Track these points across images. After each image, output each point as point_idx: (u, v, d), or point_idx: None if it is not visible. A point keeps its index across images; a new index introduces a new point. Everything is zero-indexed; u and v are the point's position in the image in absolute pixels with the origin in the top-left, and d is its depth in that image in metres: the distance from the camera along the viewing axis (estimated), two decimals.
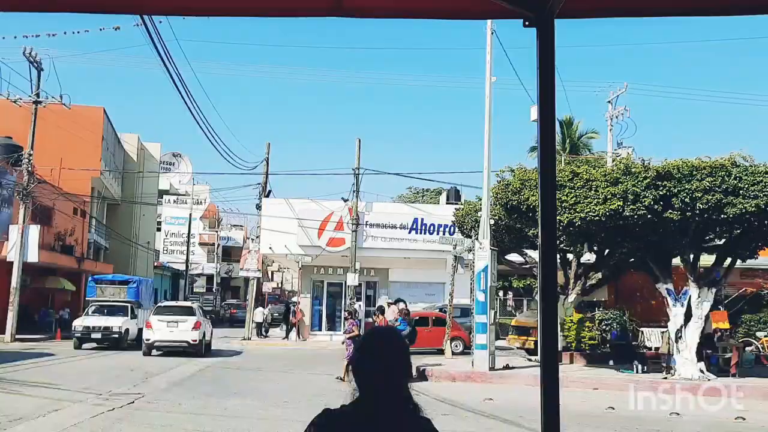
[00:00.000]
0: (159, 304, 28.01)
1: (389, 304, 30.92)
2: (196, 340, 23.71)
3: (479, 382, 17.72)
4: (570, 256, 23.67)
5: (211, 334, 26.92)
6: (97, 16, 26.59)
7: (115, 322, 26.22)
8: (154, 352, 23.74)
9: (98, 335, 25.81)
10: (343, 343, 18.30)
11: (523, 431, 11.03)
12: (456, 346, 24.85)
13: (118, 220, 47.45)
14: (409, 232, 32.93)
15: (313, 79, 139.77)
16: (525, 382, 17.41)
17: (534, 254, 24.45)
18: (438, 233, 31.69)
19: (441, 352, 24.43)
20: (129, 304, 27.97)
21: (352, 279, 31.46)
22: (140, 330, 26.32)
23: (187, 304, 28.79)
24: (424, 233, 32.81)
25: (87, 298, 29.79)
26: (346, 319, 19.30)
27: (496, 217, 21.47)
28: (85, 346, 25.96)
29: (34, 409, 12.14)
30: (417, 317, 25.57)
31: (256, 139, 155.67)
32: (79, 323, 26.17)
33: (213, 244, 68.51)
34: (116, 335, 26.08)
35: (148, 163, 51.58)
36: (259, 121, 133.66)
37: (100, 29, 25.74)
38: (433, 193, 55.36)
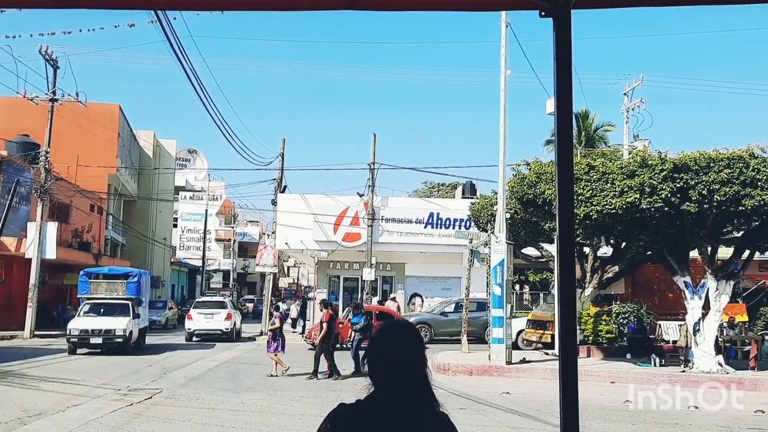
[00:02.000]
0: (197, 300, 34.56)
1: (392, 299, 31.03)
2: (228, 329, 28.97)
3: (496, 376, 17.70)
4: (587, 249, 23.58)
5: (241, 323, 33.05)
6: (112, 14, 26.69)
7: (118, 324, 22.20)
8: (194, 338, 28.93)
9: (98, 340, 21.98)
10: (266, 333, 18.22)
11: (541, 425, 11.00)
12: None
13: (135, 217, 47.77)
14: (425, 227, 32.91)
15: (328, 74, 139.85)
16: (542, 376, 17.38)
17: (550, 248, 24.36)
18: (454, 227, 31.66)
19: None
20: (129, 302, 23.73)
21: (368, 274, 31.49)
22: (142, 332, 24.45)
23: (220, 299, 33.43)
24: (440, 228, 32.78)
25: (79, 296, 25.35)
26: (271, 314, 19.19)
27: (512, 211, 21.41)
28: (80, 351, 22.16)
29: (54, 404, 12.26)
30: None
31: (271, 135, 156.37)
32: (74, 326, 22.20)
33: (229, 240, 68.86)
34: (120, 339, 22.10)
35: (164, 159, 51.84)
36: (274, 117, 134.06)
37: (115, 26, 25.89)
38: (448, 187, 55.30)
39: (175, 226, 61.73)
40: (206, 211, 59.99)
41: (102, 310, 23.09)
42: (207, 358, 21.31)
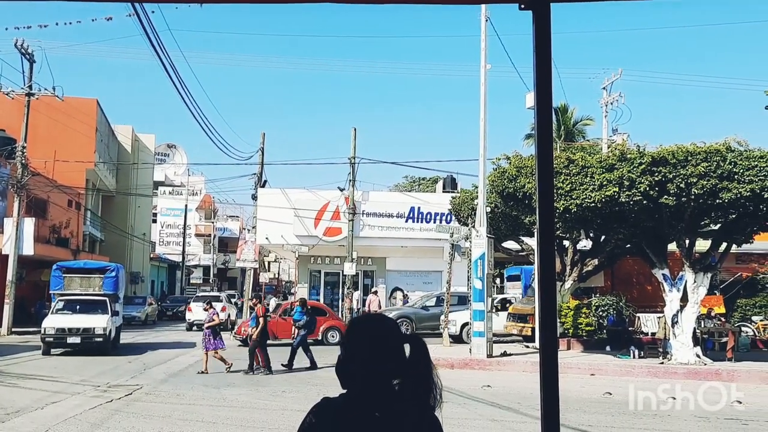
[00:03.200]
0: (197, 294, 39.15)
1: (373, 293, 31.06)
2: (224, 320, 28.22)
3: (477, 369, 17.79)
4: (566, 242, 23.73)
5: (236, 315, 35.49)
6: (90, 7, 26.44)
7: (97, 322, 20.73)
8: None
9: (76, 339, 20.47)
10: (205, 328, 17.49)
11: (522, 417, 11.06)
12: (332, 336, 24.69)
13: (113, 212, 47.38)
14: (406, 221, 32.95)
15: (308, 68, 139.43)
16: (523, 369, 17.50)
17: (530, 241, 24.49)
18: (434, 221, 31.71)
19: (317, 342, 23.99)
20: (107, 298, 22.24)
21: (349, 268, 31.48)
22: (118, 330, 23.01)
23: (217, 293, 40.04)
24: (421, 222, 32.83)
25: (51, 291, 23.66)
26: (205, 309, 18.65)
27: (493, 205, 21.50)
28: (55, 351, 20.82)
29: (32, 401, 12.15)
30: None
31: (251, 130, 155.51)
32: (49, 324, 20.70)
33: (209, 235, 68.51)
34: (99, 338, 20.62)
35: (143, 154, 51.42)
36: (254, 111, 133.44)
37: (93, 20, 25.78)
38: (429, 181, 55.36)
39: (155, 221, 61.26)
40: (186, 206, 59.65)
41: (78, 307, 21.69)
42: (187, 354, 21.20)
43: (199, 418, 10.99)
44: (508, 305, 25.64)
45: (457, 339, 23.67)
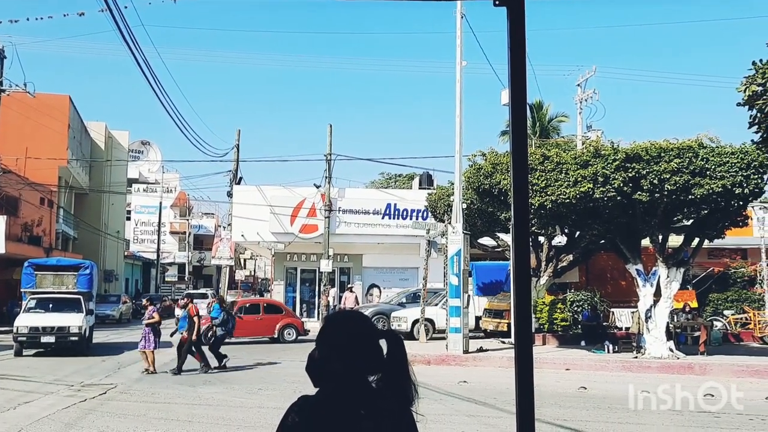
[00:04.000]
0: (186, 292, 33.24)
1: (349, 290, 31.03)
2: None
3: (453, 365, 17.85)
4: (541, 238, 23.90)
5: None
6: (62, 2, 26.09)
7: (72, 321, 20.02)
8: None
9: (50, 338, 19.78)
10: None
11: (498, 413, 11.13)
12: (289, 334, 24.66)
13: (87, 210, 46.86)
14: (382, 218, 32.94)
15: (283, 65, 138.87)
16: (499, 364, 17.60)
17: (506, 237, 24.61)
18: (411, 218, 31.72)
19: (274, 340, 24.31)
20: (81, 296, 21.52)
21: (325, 265, 31.43)
22: (92, 329, 22.09)
23: (205, 291, 42.38)
24: (397, 218, 32.84)
25: (23, 289, 22.82)
26: (145, 306, 18.25)
27: (469, 201, 21.58)
28: (27, 352, 20.09)
29: (4, 401, 11.99)
30: (248, 304, 25.96)
31: (226, 127, 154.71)
32: (22, 323, 19.87)
33: (184, 233, 67.99)
34: (75, 338, 19.93)
35: (116, 151, 50.89)
36: (230, 108, 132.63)
37: (65, 15, 25.43)
38: (405, 178, 55.41)
39: (129, 219, 60.71)
40: (160, 203, 59.13)
41: (51, 305, 21.02)
42: (162, 353, 21.02)
43: (174, 417, 10.91)
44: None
45: (408, 336, 22.99)
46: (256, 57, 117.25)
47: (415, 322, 23.64)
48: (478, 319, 24.09)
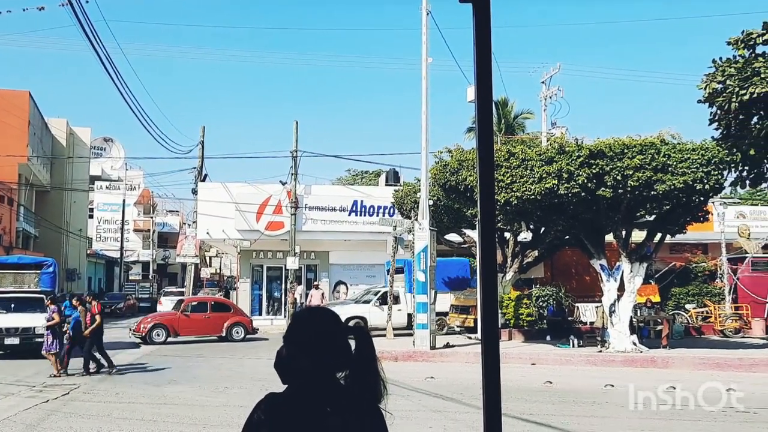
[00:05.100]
0: (164, 290, 43.18)
1: (315, 287, 30.94)
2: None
3: (421, 361, 17.91)
4: (507, 234, 24.07)
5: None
6: None
7: (38, 321, 18.35)
8: None
9: (15, 340, 18.87)
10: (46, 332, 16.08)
11: (465, 408, 11.19)
12: (237, 332, 24.43)
13: (48, 208, 46.01)
14: (349, 215, 32.86)
15: (249, 61, 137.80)
16: (465, 360, 17.69)
17: (473, 234, 24.76)
18: (378, 215, 31.70)
19: (222, 339, 24.14)
20: (44, 295, 20.11)
21: (292, 263, 31.28)
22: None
23: (182, 289, 41.69)
24: (364, 215, 32.78)
25: None
26: (47, 306, 16.92)
27: (435, 198, 21.65)
28: None
29: None
30: (195, 302, 25.62)
31: (191, 123, 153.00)
32: None
33: (148, 231, 67.19)
34: (41, 338, 17.68)
35: (78, 148, 50.02)
36: (194, 105, 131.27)
37: (24, 10, 24.72)
38: (372, 175, 55.41)
39: (91, 216, 59.74)
40: (124, 201, 58.33)
41: (13, 305, 19.95)
42: (127, 351, 20.79)
43: (139, 417, 10.78)
44: (395, 301, 25.15)
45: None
46: (221, 53, 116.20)
47: (349, 320, 23.60)
48: (410, 315, 23.80)
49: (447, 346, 19.71)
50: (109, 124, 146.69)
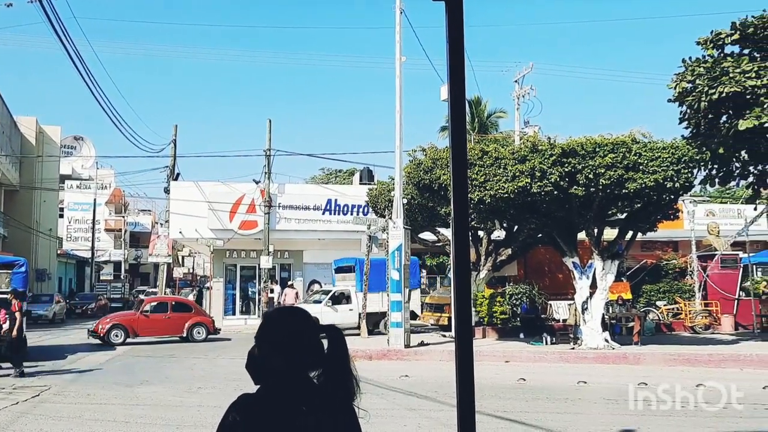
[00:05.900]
0: (147, 290, 41.79)
1: (290, 286, 30.85)
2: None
3: (395, 360, 17.93)
4: (481, 233, 24.18)
5: None
6: None
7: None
8: None
9: None
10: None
11: (439, 405, 11.22)
12: (199, 333, 24.12)
13: (17, 207, 45.32)
14: (323, 213, 32.80)
15: (221, 59, 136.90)
16: (440, 358, 17.74)
17: (446, 232, 24.83)
18: (352, 214, 31.70)
19: (183, 339, 23.94)
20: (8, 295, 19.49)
21: (265, 262, 31.15)
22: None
23: (155, 290, 40.73)
24: (338, 214, 32.75)
25: None
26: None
27: (409, 197, 21.68)
28: None
29: None
30: (155, 302, 25.31)
31: (163, 122, 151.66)
32: None
33: (120, 230, 66.47)
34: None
35: (48, 147, 49.30)
36: (166, 103, 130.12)
37: None
38: (346, 173, 55.37)
39: (62, 216, 58.95)
40: (94, 200, 57.64)
41: None
42: (98, 352, 20.56)
43: (111, 418, 10.66)
44: (344, 300, 25.21)
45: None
46: (194, 52, 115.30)
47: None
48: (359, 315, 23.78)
49: (421, 344, 19.76)
50: (80, 123, 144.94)
